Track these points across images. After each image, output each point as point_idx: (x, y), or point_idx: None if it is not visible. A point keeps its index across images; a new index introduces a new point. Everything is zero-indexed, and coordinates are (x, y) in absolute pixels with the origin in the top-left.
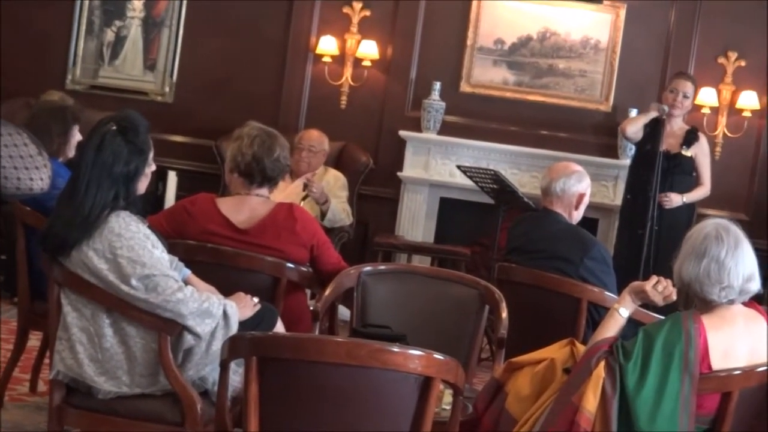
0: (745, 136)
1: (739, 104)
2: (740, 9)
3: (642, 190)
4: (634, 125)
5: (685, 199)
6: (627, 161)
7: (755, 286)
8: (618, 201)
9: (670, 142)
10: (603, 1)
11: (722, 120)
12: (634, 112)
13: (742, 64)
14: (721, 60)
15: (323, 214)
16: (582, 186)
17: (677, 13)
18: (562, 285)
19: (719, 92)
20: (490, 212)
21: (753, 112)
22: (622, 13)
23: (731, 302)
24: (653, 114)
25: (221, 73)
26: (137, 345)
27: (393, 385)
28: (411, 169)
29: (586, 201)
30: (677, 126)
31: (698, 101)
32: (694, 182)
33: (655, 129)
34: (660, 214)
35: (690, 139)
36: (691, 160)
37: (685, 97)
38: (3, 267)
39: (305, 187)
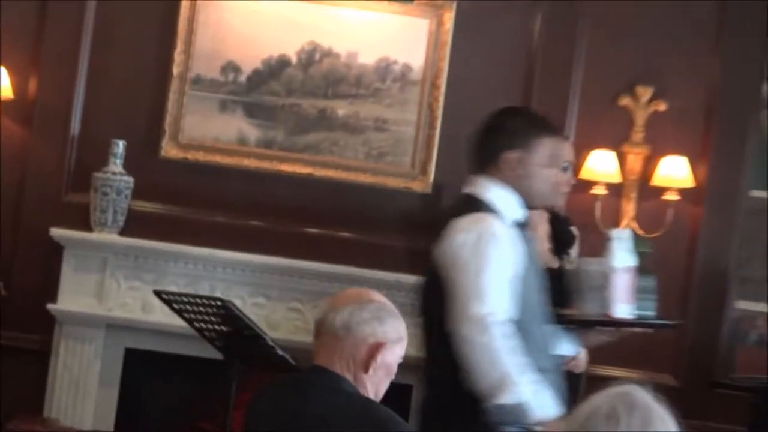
0: (670, 234)
1: (657, 178)
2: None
3: None
4: None
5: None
6: None
7: None
8: None
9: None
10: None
11: (630, 207)
12: None
13: (662, 108)
14: (625, 100)
15: None
16: (382, 329)
17: (545, 18)
18: None
19: (622, 157)
20: (216, 374)
21: (681, 191)
22: (449, 17)
23: None
24: None
25: None
26: None
27: None
28: (69, 297)
29: (386, 359)
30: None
31: (585, 173)
32: None
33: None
34: None
35: (565, 237)
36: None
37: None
38: None
39: None
